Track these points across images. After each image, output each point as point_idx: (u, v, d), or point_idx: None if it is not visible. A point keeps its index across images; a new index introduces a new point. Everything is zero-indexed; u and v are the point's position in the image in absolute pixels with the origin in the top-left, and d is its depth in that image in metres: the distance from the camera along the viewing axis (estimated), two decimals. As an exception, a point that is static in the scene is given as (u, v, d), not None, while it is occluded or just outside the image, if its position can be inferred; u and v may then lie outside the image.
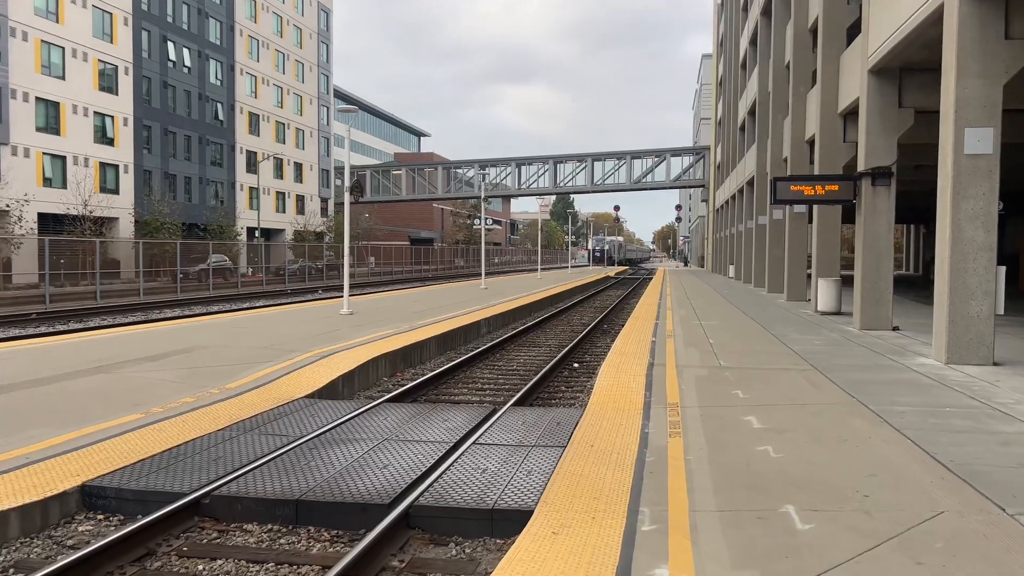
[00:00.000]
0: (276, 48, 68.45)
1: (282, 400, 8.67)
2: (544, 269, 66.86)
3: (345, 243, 19.48)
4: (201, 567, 4.87)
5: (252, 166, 63.16)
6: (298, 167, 71.96)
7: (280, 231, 67.08)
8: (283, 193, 69.37)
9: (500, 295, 27.41)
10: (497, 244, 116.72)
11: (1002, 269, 10.52)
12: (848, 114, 17.86)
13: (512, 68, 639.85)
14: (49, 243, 31.38)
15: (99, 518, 5.56)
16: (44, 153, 44.10)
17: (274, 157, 66.58)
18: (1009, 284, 11.35)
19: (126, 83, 50.22)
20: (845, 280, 19.21)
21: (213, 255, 42.97)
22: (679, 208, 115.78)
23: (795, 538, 4.39)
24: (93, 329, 19.02)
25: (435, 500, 5.42)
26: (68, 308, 26.53)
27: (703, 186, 67.50)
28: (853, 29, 17.85)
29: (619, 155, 66.87)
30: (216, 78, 60.07)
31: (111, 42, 48.97)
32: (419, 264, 72.18)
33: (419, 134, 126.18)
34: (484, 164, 69.66)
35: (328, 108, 77.62)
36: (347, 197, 19.42)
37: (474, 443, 6.90)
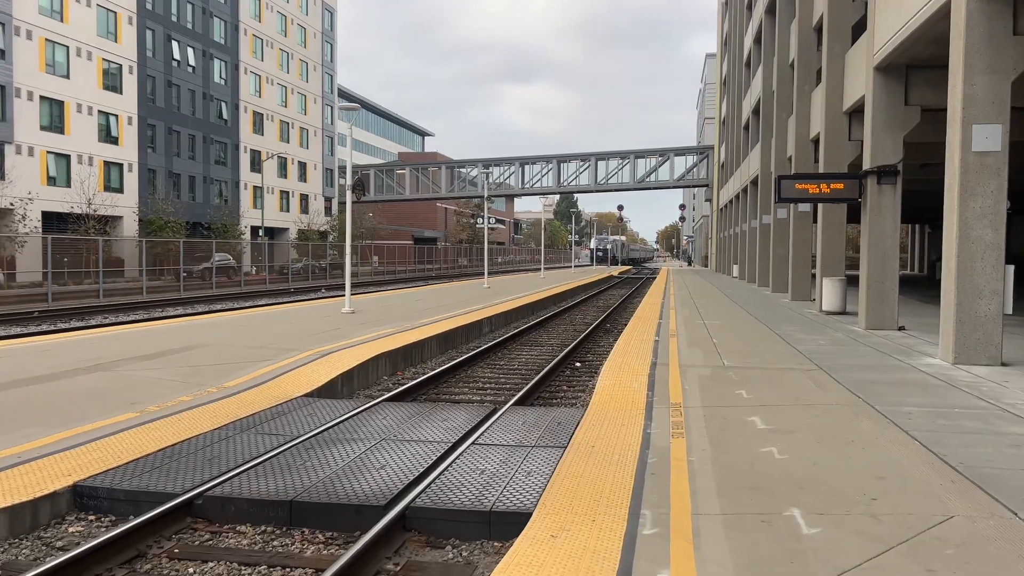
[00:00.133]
0: (280, 47, 68.45)
1: (280, 399, 8.57)
2: (547, 268, 66.77)
3: (347, 242, 19.39)
4: (192, 570, 4.76)
5: (256, 165, 63.16)
6: (302, 166, 71.96)
7: (284, 230, 67.08)
8: (287, 192, 69.38)
9: (503, 294, 27.30)
10: (501, 243, 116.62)
11: (1010, 268, 10.37)
12: (853, 112, 17.71)
13: (516, 67, 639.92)
14: (52, 241, 31.39)
15: (90, 519, 5.46)
16: (48, 152, 44.13)
17: (278, 156, 66.58)
18: (1017, 283, 11.21)
19: (130, 82, 50.23)
20: (850, 280, 19.06)
21: (217, 254, 42.98)
22: (683, 208, 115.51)
23: (800, 543, 4.27)
24: (94, 327, 18.96)
25: (432, 501, 5.31)
26: (70, 306, 26.49)
27: (707, 185, 67.31)
28: (858, 27, 17.70)
29: (623, 154, 66.71)
30: (220, 77, 60.08)
31: (115, 41, 48.99)
32: (422, 263, 72.12)
33: (423, 133, 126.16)
34: (488, 163, 69.54)
35: (332, 107, 77.60)
36: (348, 196, 19.33)
37: (473, 443, 6.79)
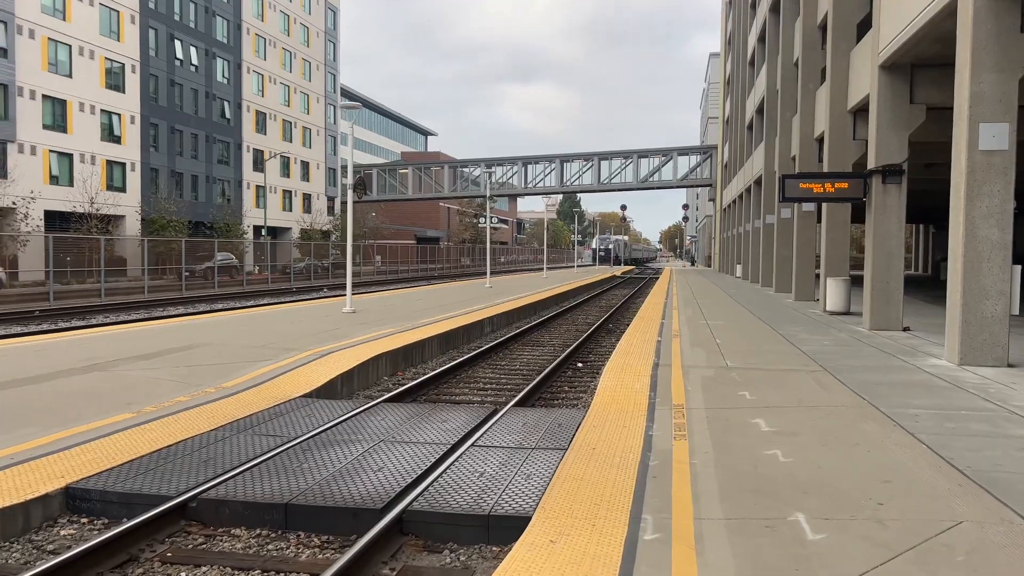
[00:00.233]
0: (283, 47, 68.41)
1: (279, 399, 8.48)
2: (550, 268, 66.66)
3: (348, 241, 19.31)
4: (184, 574, 4.67)
5: (259, 164, 63.14)
6: (305, 166, 71.93)
7: (287, 229, 67.06)
8: (290, 192, 69.35)
9: (505, 294, 27.21)
10: (503, 243, 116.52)
11: (1017, 268, 10.26)
12: (858, 111, 17.58)
13: (519, 67, 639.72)
14: (54, 240, 31.35)
15: (83, 522, 5.37)
16: (51, 151, 44.13)
17: (281, 156, 66.54)
18: (1024, 284, 11.07)
19: (133, 81, 50.22)
20: (854, 280, 18.94)
21: (219, 253, 42.94)
22: (686, 207, 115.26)
23: (805, 548, 4.17)
24: (94, 326, 18.90)
25: (430, 505, 5.22)
26: (72, 306, 26.45)
27: (710, 185, 67.12)
28: (863, 25, 17.58)
29: (626, 154, 66.54)
30: (223, 76, 60.06)
31: (118, 40, 48.98)
32: (425, 263, 72.06)
33: (426, 133, 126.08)
34: (490, 163, 69.42)
35: (335, 107, 77.57)
36: (350, 195, 19.25)
37: (473, 445, 6.70)
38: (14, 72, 41.25)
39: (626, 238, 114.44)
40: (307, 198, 72.05)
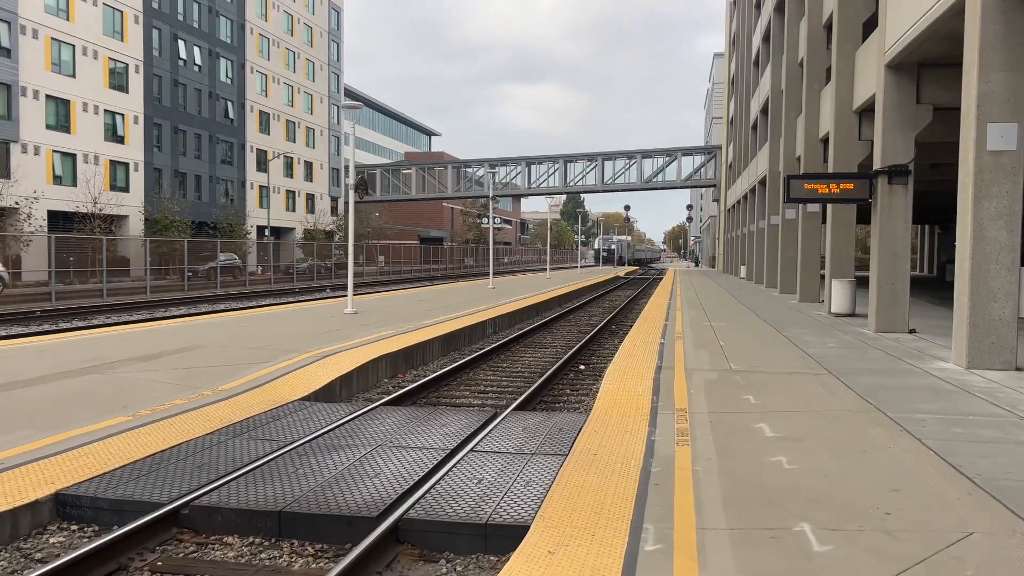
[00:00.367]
0: (287, 47, 68.41)
1: (276, 403, 8.38)
2: (553, 269, 66.58)
3: (349, 241, 19.21)
4: (174, 584, 4.57)
5: (262, 165, 63.13)
6: (308, 166, 71.93)
7: (290, 230, 67.05)
8: (293, 192, 69.34)
9: (508, 295, 27.09)
10: (507, 243, 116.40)
11: (1026, 270, 10.12)
12: (864, 111, 17.44)
13: (523, 67, 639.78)
14: (57, 241, 31.33)
15: (72, 529, 5.28)
16: (54, 151, 44.16)
17: (284, 156, 66.53)
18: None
19: (136, 81, 50.25)
20: (859, 281, 18.78)
21: (222, 253, 42.91)
22: (690, 208, 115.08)
23: (811, 561, 4.04)
24: (95, 327, 18.83)
25: (426, 513, 5.11)
26: (73, 306, 26.40)
27: (714, 186, 66.92)
28: (869, 24, 17.42)
29: (630, 154, 66.36)
30: (226, 76, 60.07)
31: (121, 40, 49.00)
32: (429, 263, 71.98)
33: (429, 133, 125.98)
34: (494, 163, 69.31)
35: (339, 107, 77.52)
36: (351, 195, 19.16)
37: (471, 450, 6.59)
38: (17, 72, 41.28)
39: (629, 238, 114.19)
40: (310, 198, 72.03)
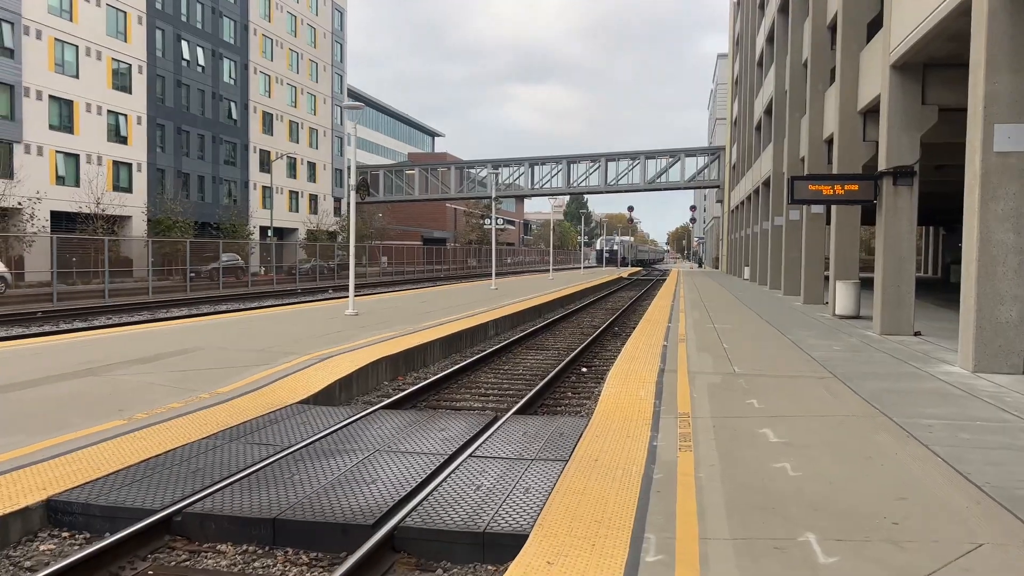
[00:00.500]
0: (290, 47, 68.41)
1: (274, 406, 8.29)
2: (556, 269, 66.46)
3: (351, 241, 19.14)
4: (166, 593, 4.48)
5: (265, 165, 63.11)
6: (311, 166, 71.91)
7: (293, 230, 67.02)
8: (296, 192, 69.32)
9: (510, 296, 26.99)
10: (510, 244, 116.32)
11: (1033, 273, 9.97)
12: (868, 112, 17.31)
13: (526, 68, 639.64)
14: (59, 241, 31.30)
15: (64, 536, 5.18)
16: (57, 151, 44.15)
17: (287, 156, 66.52)
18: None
19: (140, 82, 50.24)
20: (864, 283, 18.65)
21: (225, 254, 42.86)
22: (694, 209, 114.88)
23: (817, 573, 3.94)
24: (95, 328, 18.77)
25: (423, 521, 5.01)
26: (75, 307, 26.36)
27: (718, 187, 66.74)
28: (873, 25, 17.29)
29: (633, 155, 66.21)
30: (230, 77, 60.07)
31: (125, 41, 49.00)
32: (431, 264, 71.93)
33: (433, 134, 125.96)
34: (497, 164, 69.19)
35: (341, 107, 77.47)
36: (352, 195, 19.08)
37: (470, 456, 6.49)
38: (21, 73, 41.28)
39: (631, 239, 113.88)
40: (313, 199, 72.00)
